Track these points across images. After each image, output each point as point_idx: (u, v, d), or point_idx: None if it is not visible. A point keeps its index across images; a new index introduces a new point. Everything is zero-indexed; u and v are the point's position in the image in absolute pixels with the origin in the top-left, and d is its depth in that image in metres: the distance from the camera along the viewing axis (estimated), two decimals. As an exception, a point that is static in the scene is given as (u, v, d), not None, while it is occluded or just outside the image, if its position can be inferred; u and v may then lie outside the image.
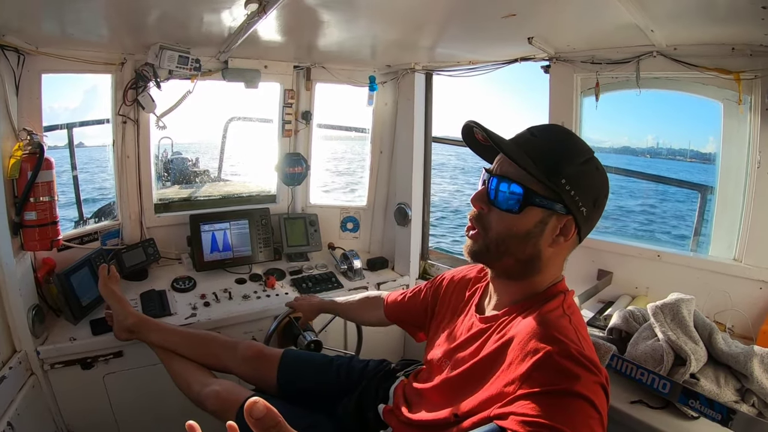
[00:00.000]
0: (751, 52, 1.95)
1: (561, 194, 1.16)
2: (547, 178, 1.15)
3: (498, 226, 1.22)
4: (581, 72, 2.46)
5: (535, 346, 1.08)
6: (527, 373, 1.04)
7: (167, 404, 2.33)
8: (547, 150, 1.19)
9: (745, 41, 1.94)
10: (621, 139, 3.94)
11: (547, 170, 1.16)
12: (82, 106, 2.84)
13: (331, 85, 3.29)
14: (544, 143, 1.21)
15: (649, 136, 8.87)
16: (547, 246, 1.22)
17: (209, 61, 2.79)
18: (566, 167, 1.17)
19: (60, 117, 2.64)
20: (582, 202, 1.18)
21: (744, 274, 2.10)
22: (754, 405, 1.57)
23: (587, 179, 1.20)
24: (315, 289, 2.97)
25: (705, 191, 2.52)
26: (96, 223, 2.77)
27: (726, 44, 1.99)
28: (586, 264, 2.53)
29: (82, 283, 2.36)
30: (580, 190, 1.17)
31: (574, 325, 1.16)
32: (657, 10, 1.78)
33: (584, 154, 1.21)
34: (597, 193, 1.22)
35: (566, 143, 1.24)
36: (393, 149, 3.45)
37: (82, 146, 2.81)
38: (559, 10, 1.95)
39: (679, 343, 1.68)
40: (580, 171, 1.18)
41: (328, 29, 2.34)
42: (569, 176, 1.16)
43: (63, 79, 2.46)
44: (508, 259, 1.24)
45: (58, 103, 2.55)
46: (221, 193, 3.54)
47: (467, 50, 2.75)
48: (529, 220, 1.19)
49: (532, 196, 1.16)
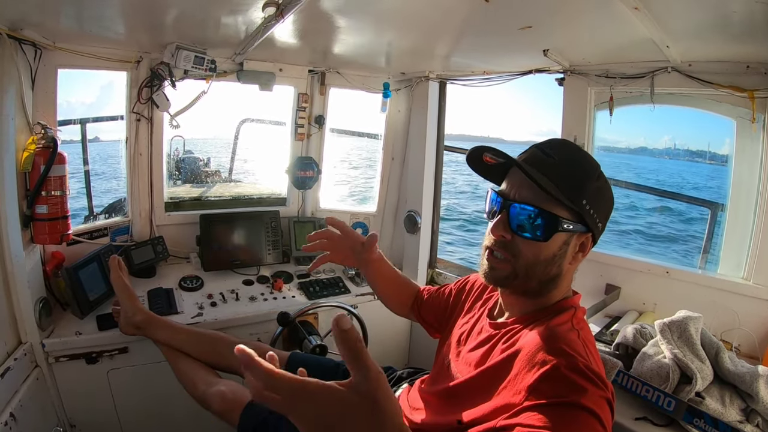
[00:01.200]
0: (765, 70, 1.95)
1: (584, 215, 1.17)
2: (571, 201, 1.15)
3: (527, 254, 1.20)
4: (595, 86, 2.46)
5: (543, 357, 1.07)
6: (534, 384, 1.04)
7: (170, 402, 2.35)
8: (566, 171, 1.19)
9: (761, 59, 1.94)
10: (637, 139, 3.92)
11: (570, 193, 1.16)
12: (98, 103, 2.87)
13: (344, 90, 3.30)
14: (561, 164, 1.20)
15: (665, 137, 8.92)
16: (567, 264, 1.23)
17: (224, 62, 2.82)
18: (586, 187, 1.17)
19: (76, 112, 2.66)
20: (599, 219, 1.20)
21: (752, 293, 2.08)
22: (758, 425, 1.55)
23: (602, 196, 1.21)
24: (322, 293, 2.98)
25: (716, 208, 2.51)
26: (106, 219, 2.79)
27: (741, 62, 1.99)
28: (594, 278, 2.52)
29: (90, 278, 2.37)
30: (598, 207, 1.19)
31: (582, 340, 1.15)
32: (673, 25, 1.78)
33: (596, 170, 1.22)
34: (610, 207, 1.24)
35: (581, 162, 1.23)
36: (405, 156, 3.46)
37: (98, 140, 2.84)
38: (576, 24, 1.95)
39: (685, 361, 1.67)
40: (596, 189, 1.19)
41: (343, 35, 2.36)
42: (589, 196, 1.17)
43: (79, 74, 2.48)
44: (531, 282, 1.23)
45: (74, 98, 2.58)
46: (232, 194, 3.56)
47: (482, 60, 2.76)
48: (555, 244, 1.19)
49: (559, 222, 1.16)
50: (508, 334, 1.27)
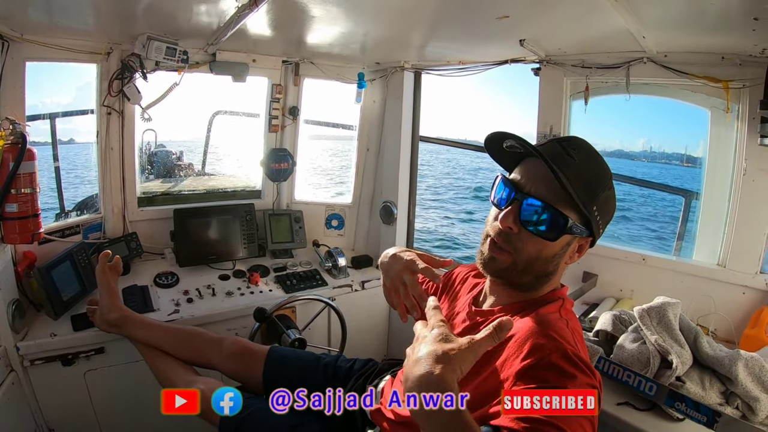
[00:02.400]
0: (740, 61, 1.99)
1: (591, 221, 1.17)
2: (585, 207, 1.14)
3: (530, 249, 1.18)
4: (571, 76, 2.48)
5: (532, 344, 1.08)
6: (523, 370, 1.04)
7: (149, 402, 2.27)
8: (587, 175, 1.18)
9: (735, 51, 1.98)
10: (613, 142, 4.00)
11: (585, 198, 1.15)
12: (68, 97, 2.77)
13: (319, 81, 3.26)
14: (582, 166, 1.18)
15: (641, 139, 9.07)
16: (564, 263, 1.24)
17: (197, 53, 2.75)
18: (599, 195, 1.17)
19: (47, 107, 2.58)
20: (602, 224, 1.20)
21: (727, 278, 2.14)
22: (737, 407, 1.59)
23: (610, 204, 1.22)
24: (299, 287, 2.96)
25: (690, 196, 2.57)
26: (78, 216, 2.71)
27: (716, 53, 2.03)
28: (572, 266, 2.53)
29: (64, 277, 2.30)
30: (604, 215, 1.20)
31: (570, 329, 1.17)
32: (650, 16, 1.81)
33: (610, 179, 1.22)
34: (612, 215, 1.24)
35: (599, 168, 1.22)
36: (380, 147, 3.44)
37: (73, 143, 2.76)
38: (553, 14, 1.97)
39: (665, 346, 1.70)
40: (606, 197, 1.20)
41: (318, 24, 2.33)
42: (599, 203, 1.17)
43: (49, 68, 2.40)
44: (527, 277, 1.23)
45: (45, 95, 2.49)
46: (206, 187, 3.49)
47: (458, 50, 2.77)
48: (559, 244, 1.18)
49: (570, 224, 1.15)
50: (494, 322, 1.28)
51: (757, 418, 1.55)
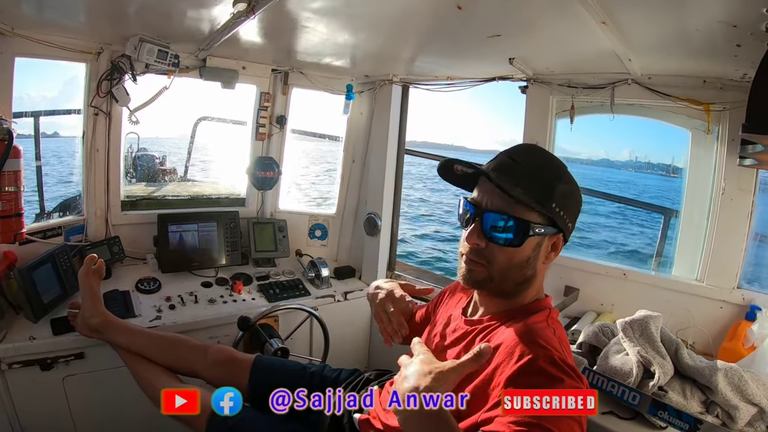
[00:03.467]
0: (721, 85, 2.09)
1: (554, 218, 1.21)
2: (542, 205, 1.19)
3: (501, 259, 1.23)
4: (557, 94, 2.55)
5: (521, 351, 1.11)
6: (512, 376, 1.08)
7: (129, 409, 2.26)
8: (534, 176, 1.23)
9: (717, 75, 2.08)
10: (599, 151, 4.09)
11: (540, 198, 1.19)
12: (57, 95, 2.73)
13: (307, 91, 3.28)
14: (529, 169, 1.24)
15: (626, 149, 9.24)
16: (541, 265, 1.28)
17: (187, 57, 2.73)
18: (555, 190, 1.21)
19: (36, 104, 2.54)
20: (569, 219, 1.25)
21: (706, 293, 2.22)
22: (717, 416, 1.66)
23: (571, 197, 1.26)
24: (282, 296, 2.94)
25: (669, 214, 2.65)
26: (60, 217, 2.65)
27: (698, 77, 2.13)
28: (554, 280, 2.60)
29: (44, 279, 2.24)
30: (567, 208, 1.23)
31: (557, 337, 1.20)
32: (637, 40, 1.88)
33: (563, 172, 1.27)
34: (578, 207, 1.29)
35: (548, 165, 1.28)
36: (366, 159, 3.46)
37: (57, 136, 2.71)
38: (544, 35, 2.04)
39: (647, 357, 1.76)
40: (564, 191, 1.24)
41: (310, 35, 2.35)
42: (557, 199, 1.21)
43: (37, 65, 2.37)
44: (507, 284, 1.27)
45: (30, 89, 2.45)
46: (190, 193, 3.46)
47: (447, 66, 2.82)
48: (528, 248, 1.22)
49: (531, 227, 1.19)
50: (484, 331, 1.30)
51: (736, 426, 1.62)
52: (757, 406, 1.63)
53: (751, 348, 1.97)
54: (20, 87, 2.22)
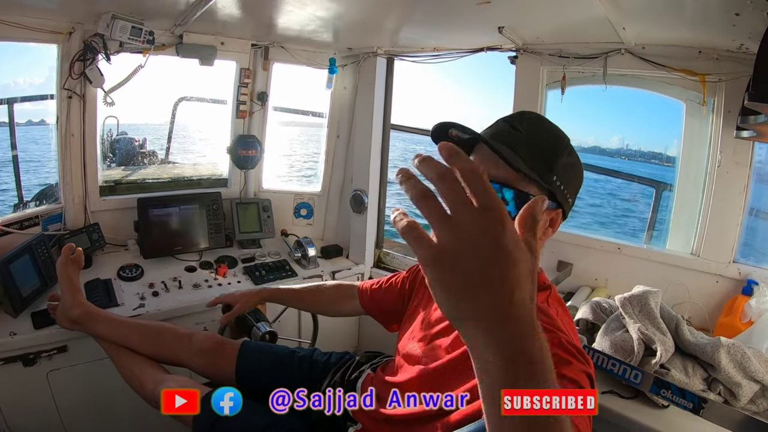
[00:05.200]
0: (717, 56, 2.04)
1: (554, 191, 1.15)
2: (542, 178, 1.12)
3: None
4: (548, 65, 2.49)
5: None
6: None
7: (116, 401, 2.22)
8: (536, 146, 1.15)
9: (712, 45, 2.03)
10: (588, 138, 4.07)
11: (541, 170, 1.13)
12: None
13: (289, 66, 3.17)
14: (530, 138, 1.16)
15: (615, 137, 9.23)
16: (539, 240, 1.21)
17: (163, 34, 2.60)
18: (557, 163, 1.15)
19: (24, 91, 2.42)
20: (569, 194, 1.18)
21: (701, 267, 2.22)
22: (720, 393, 1.65)
23: (573, 171, 1.19)
24: (268, 278, 2.88)
25: (660, 187, 2.63)
26: (37, 206, 2.54)
27: (693, 47, 2.08)
28: (546, 255, 2.57)
29: (23, 271, 2.15)
30: (568, 183, 1.17)
31: (561, 317, 1.17)
32: (631, 6, 1.83)
33: (566, 144, 1.20)
34: (579, 182, 1.23)
35: (551, 136, 1.21)
36: (350, 134, 3.38)
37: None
38: (535, 1, 1.96)
39: (648, 334, 1.73)
40: (566, 164, 1.17)
41: (289, 6, 2.27)
42: (559, 172, 1.15)
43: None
44: None
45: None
46: (170, 175, 3.34)
47: (433, 36, 2.74)
48: None
49: (527, 199, 1.11)
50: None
51: (739, 403, 1.61)
52: (759, 383, 1.62)
53: (749, 323, 1.97)
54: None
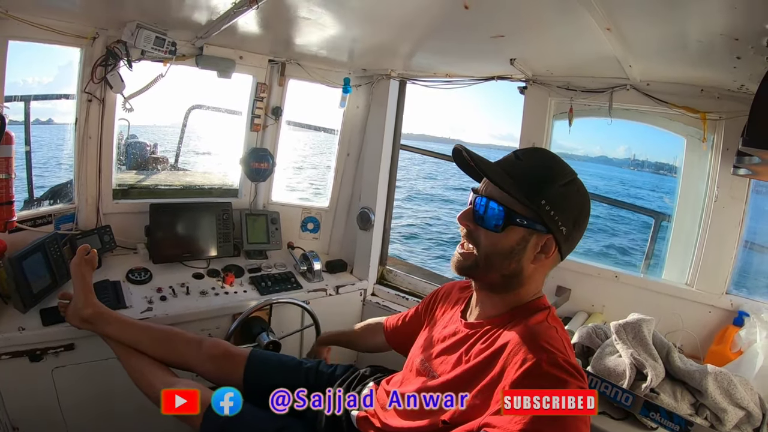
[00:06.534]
0: (718, 95, 2.13)
1: (541, 215, 1.23)
2: (528, 199, 1.23)
3: (485, 243, 1.28)
4: (556, 96, 2.58)
5: (525, 356, 1.13)
6: (517, 381, 1.10)
7: (119, 402, 2.25)
8: (530, 173, 1.27)
9: (714, 85, 2.12)
10: (594, 148, 4.13)
11: (528, 192, 1.23)
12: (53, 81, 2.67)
13: (304, 83, 3.25)
14: (528, 166, 1.29)
15: (621, 146, 9.30)
16: (529, 263, 1.29)
17: (184, 45, 2.68)
18: (547, 189, 1.24)
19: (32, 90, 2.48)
20: (561, 222, 1.25)
21: (695, 298, 2.28)
22: (706, 418, 1.70)
23: (568, 201, 1.26)
24: (274, 289, 2.93)
25: (659, 218, 2.69)
26: (50, 205, 2.60)
27: (696, 85, 2.17)
28: (546, 280, 2.60)
29: (35, 268, 2.20)
30: (560, 210, 1.24)
31: (560, 336, 1.23)
32: (639, 47, 1.91)
33: (566, 177, 1.28)
34: (577, 214, 1.29)
35: (549, 166, 1.31)
36: (361, 153, 3.45)
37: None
38: (547, 37, 2.05)
39: (640, 360, 1.79)
40: (560, 193, 1.25)
41: (310, 27, 2.33)
42: (549, 198, 1.23)
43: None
44: (493, 275, 1.30)
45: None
46: (182, 183, 3.41)
47: (446, 63, 2.82)
48: (512, 238, 1.25)
49: (513, 216, 1.24)
50: (486, 334, 1.32)
51: (724, 428, 1.66)
52: (744, 409, 1.68)
53: (738, 352, 2.02)
54: (15, 72, 2.16)
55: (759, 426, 1.69)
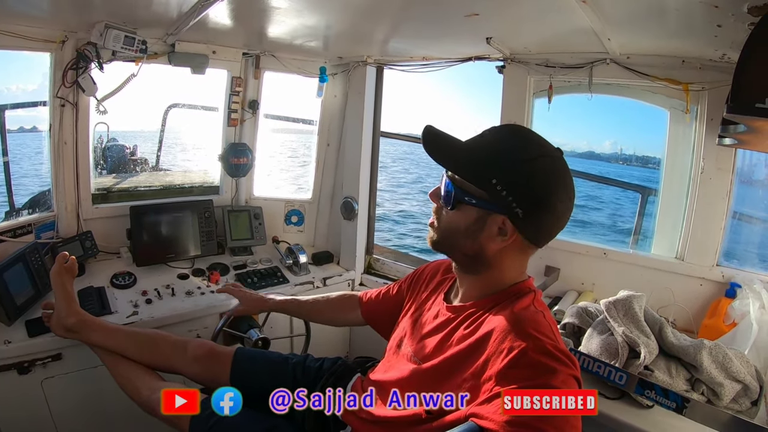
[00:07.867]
0: (700, 65, 2.10)
1: (491, 194, 1.18)
2: (475, 177, 1.21)
3: (443, 220, 1.30)
4: (535, 74, 2.54)
5: (510, 344, 1.09)
6: (503, 371, 1.06)
7: (111, 409, 2.21)
8: (482, 151, 1.24)
9: (696, 55, 2.09)
10: (580, 143, 4.12)
11: (475, 170, 1.21)
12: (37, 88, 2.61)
13: (280, 75, 3.20)
14: (485, 143, 1.26)
15: (607, 141, 9.38)
16: (489, 243, 1.23)
17: (155, 43, 2.62)
18: (498, 168, 1.18)
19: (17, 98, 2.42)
20: (516, 203, 1.17)
21: (686, 271, 2.27)
22: (703, 393, 1.69)
23: (527, 180, 1.18)
24: (260, 285, 2.90)
25: (646, 193, 2.68)
26: (29, 214, 2.55)
27: (677, 57, 2.14)
28: (534, 260, 2.51)
29: (16, 280, 2.16)
30: (514, 191, 1.16)
31: (548, 321, 1.19)
32: (616, 18, 1.87)
33: (530, 154, 1.20)
34: (538, 196, 1.18)
35: (509, 144, 1.24)
36: (341, 142, 3.40)
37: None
38: (521, 11, 2.01)
39: (632, 337, 1.77)
40: (516, 171, 1.17)
41: (281, 16, 2.29)
42: (501, 177, 1.17)
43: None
44: (457, 253, 1.31)
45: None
46: (162, 183, 3.35)
47: (422, 46, 2.78)
48: (466, 217, 1.23)
49: (462, 194, 1.22)
50: (469, 319, 1.28)
51: (721, 402, 1.65)
52: (741, 382, 1.66)
53: (732, 325, 2.01)
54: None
55: (756, 398, 1.68)
